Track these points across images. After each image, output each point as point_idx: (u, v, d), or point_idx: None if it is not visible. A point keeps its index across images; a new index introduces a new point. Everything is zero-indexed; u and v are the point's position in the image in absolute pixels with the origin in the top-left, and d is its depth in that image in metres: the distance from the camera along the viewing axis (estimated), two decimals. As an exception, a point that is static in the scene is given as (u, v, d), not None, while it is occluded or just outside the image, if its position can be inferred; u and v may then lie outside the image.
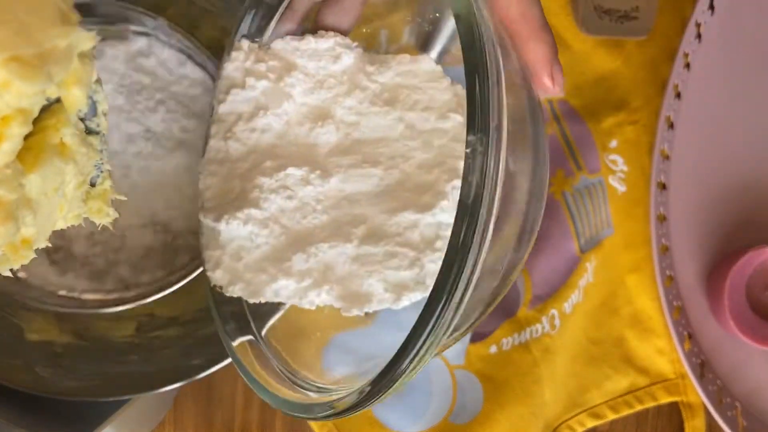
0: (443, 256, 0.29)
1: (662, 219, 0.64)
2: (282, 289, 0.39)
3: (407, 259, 0.37)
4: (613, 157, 0.65)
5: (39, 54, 0.33)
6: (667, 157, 0.64)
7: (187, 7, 0.55)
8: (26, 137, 0.35)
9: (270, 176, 0.39)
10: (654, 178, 0.63)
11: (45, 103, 0.37)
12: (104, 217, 0.45)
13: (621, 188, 0.65)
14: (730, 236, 0.65)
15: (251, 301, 0.40)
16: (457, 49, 0.31)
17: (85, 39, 0.36)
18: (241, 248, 0.40)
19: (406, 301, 0.38)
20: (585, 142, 0.64)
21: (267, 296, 0.39)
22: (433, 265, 0.37)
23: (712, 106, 0.64)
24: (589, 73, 0.64)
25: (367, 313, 0.62)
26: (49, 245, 0.41)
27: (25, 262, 0.39)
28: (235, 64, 0.42)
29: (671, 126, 0.64)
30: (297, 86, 0.41)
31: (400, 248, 0.37)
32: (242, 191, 0.40)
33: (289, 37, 0.42)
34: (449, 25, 0.59)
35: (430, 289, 0.30)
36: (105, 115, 0.42)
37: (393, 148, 0.40)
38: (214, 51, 0.55)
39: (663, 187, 0.64)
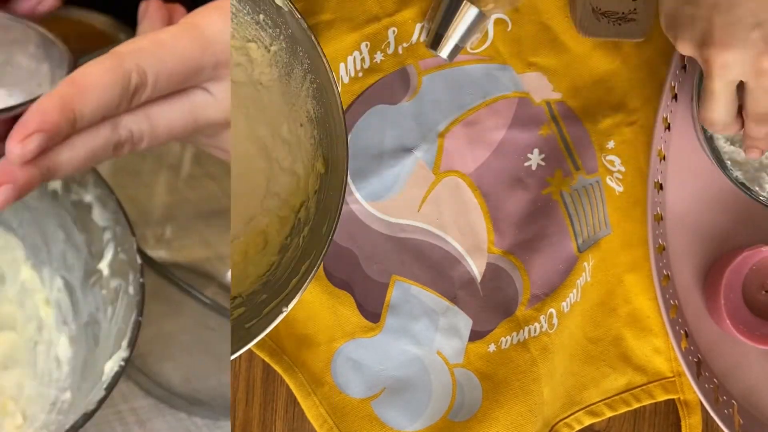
0: None
1: (659, 219, 0.64)
2: None
3: None
4: (610, 157, 0.65)
5: None
6: (663, 158, 0.64)
7: None
8: None
9: None
10: (651, 179, 0.63)
11: None
12: None
13: (618, 188, 0.65)
14: (727, 236, 0.66)
15: None
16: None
17: None
18: None
19: None
20: (583, 143, 0.65)
21: None
22: None
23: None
24: (586, 74, 0.65)
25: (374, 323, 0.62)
26: None
27: None
28: None
29: (668, 127, 0.64)
30: None
31: None
32: None
33: None
34: (461, 24, 0.59)
35: None
36: None
37: None
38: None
39: (660, 187, 0.64)
